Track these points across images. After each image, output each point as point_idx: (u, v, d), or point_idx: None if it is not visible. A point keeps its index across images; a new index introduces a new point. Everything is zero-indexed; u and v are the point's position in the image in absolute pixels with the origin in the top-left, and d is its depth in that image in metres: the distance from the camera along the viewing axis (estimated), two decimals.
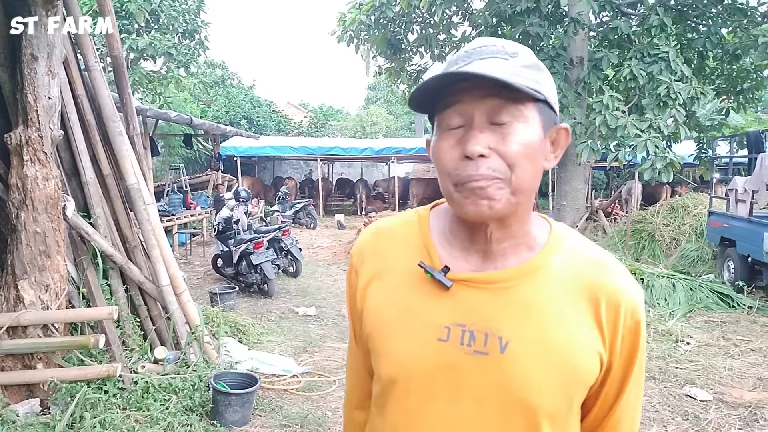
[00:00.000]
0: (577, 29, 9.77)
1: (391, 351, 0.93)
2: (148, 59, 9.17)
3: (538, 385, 0.85)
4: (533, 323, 0.87)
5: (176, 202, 10.65)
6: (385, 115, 28.07)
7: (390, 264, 0.98)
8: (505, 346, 0.86)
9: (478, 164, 0.81)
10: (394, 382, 0.92)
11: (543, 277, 0.89)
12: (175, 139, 15.60)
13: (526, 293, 0.88)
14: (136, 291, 4.18)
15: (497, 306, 0.88)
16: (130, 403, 3.49)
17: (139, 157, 4.28)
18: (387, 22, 11.96)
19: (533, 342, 0.86)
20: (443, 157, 0.85)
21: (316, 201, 17.18)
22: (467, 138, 0.82)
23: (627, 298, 0.90)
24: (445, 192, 0.88)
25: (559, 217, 11.60)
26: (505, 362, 0.86)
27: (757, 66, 11.05)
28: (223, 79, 25.99)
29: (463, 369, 0.87)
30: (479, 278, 0.90)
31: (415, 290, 0.93)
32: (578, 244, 0.94)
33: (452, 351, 0.88)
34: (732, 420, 3.92)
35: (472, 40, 11.65)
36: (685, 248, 9.22)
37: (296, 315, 6.54)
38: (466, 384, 0.87)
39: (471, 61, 0.83)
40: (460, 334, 0.88)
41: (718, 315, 6.51)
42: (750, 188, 7.60)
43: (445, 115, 0.85)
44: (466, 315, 0.89)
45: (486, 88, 0.81)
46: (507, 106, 0.82)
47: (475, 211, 0.83)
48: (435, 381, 0.89)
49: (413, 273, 0.93)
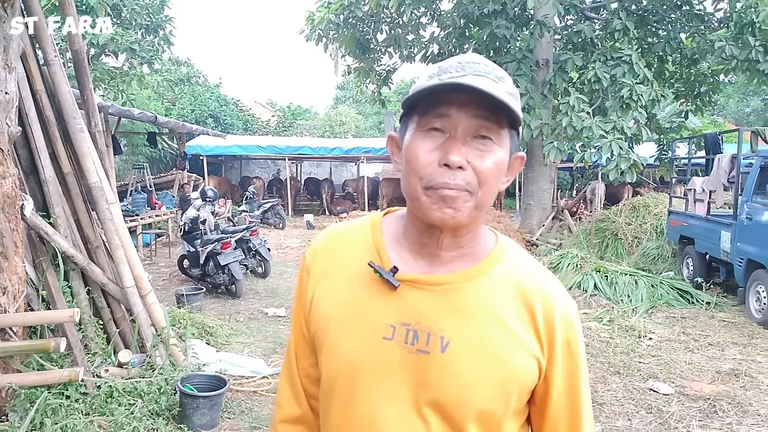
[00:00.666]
0: (542, 32, 9.95)
1: (336, 349, 0.95)
2: (110, 55, 8.92)
3: (475, 384, 0.89)
4: (474, 324, 0.91)
5: (140, 201, 10.40)
6: (354, 114, 28.03)
7: (341, 264, 1.01)
8: (446, 346, 0.90)
9: (455, 174, 0.85)
10: (338, 379, 0.95)
11: (485, 282, 0.93)
12: (138, 137, 15.25)
13: (468, 296, 0.92)
14: (99, 293, 4.06)
15: (441, 307, 0.92)
16: (93, 409, 3.40)
17: (101, 154, 4.16)
18: (356, 21, 11.93)
19: (473, 342, 0.90)
20: (419, 158, 0.88)
21: (285, 201, 17.03)
22: (450, 147, 0.85)
23: (561, 308, 0.94)
24: (410, 191, 0.90)
25: (526, 216, 11.80)
26: (445, 361, 0.89)
27: (713, 70, 11.45)
28: (188, 77, 25.50)
29: (405, 368, 0.91)
30: (426, 279, 0.93)
31: (363, 290, 0.96)
32: (521, 257, 1.00)
33: (396, 349, 0.91)
34: (693, 412, 4.04)
35: (440, 40, 11.87)
36: (646, 246, 9.48)
37: (265, 316, 6.47)
38: (408, 382, 0.91)
39: (466, 74, 0.86)
40: (404, 333, 0.91)
41: (678, 311, 6.72)
42: (708, 188, 7.86)
43: (429, 118, 0.87)
44: (411, 314, 0.92)
45: (477, 105, 0.85)
46: (490, 126, 0.87)
47: (439, 217, 0.87)
48: (378, 379, 0.92)
49: (363, 273, 0.96)
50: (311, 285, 1.02)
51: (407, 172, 0.90)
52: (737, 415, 3.98)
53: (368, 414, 0.92)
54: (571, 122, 8.98)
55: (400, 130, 0.97)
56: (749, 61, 9.56)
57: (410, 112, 0.92)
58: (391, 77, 13.46)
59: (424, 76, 0.92)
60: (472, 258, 0.96)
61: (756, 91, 20.18)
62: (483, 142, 0.87)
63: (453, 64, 0.89)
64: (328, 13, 11.69)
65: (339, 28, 11.91)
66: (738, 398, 4.22)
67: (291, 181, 18.23)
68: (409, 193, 0.90)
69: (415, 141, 0.88)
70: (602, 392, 4.36)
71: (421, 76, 0.95)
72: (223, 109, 22.52)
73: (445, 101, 0.86)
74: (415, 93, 0.87)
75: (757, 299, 6.26)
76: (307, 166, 22.97)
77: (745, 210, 6.66)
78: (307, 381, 1.07)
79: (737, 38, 9.70)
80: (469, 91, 0.83)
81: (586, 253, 8.57)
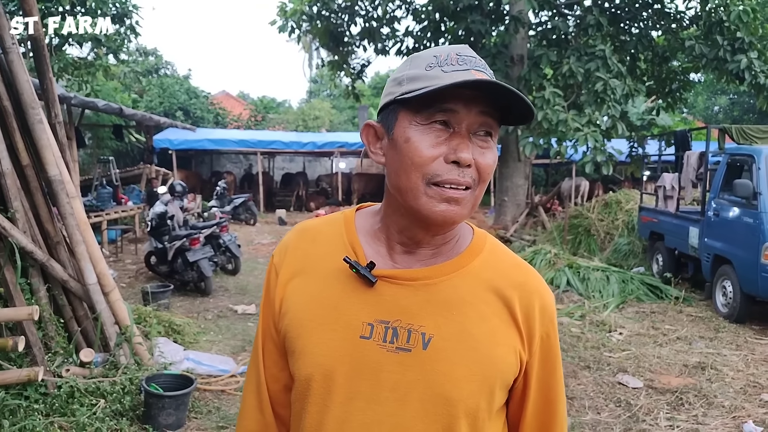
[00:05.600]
0: (517, 27, 9.99)
1: (310, 350, 0.91)
2: (74, 44, 8.61)
3: (459, 380, 0.86)
4: (455, 319, 0.89)
5: (106, 196, 10.10)
6: (328, 108, 27.79)
7: (313, 262, 0.96)
8: (428, 342, 0.87)
9: (464, 172, 0.84)
10: (312, 382, 0.90)
11: (465, 276, 0.92)
12: (104, 130, 14.83)
13: (448, 290, 0.90)
14: (60, 290, 3.92)
15: (420, 302, 0.89)
16: (53, 409, 3.29)
17: (62, 147, 4.01)
18: (329, 13, 11.80)
19: (455, 337, 0.88)
20: (423, 152, 0.84)
21: (257, 196, 16.81)
22: (459, 144, 0.84)
23: (541, 301, 0.93)
24: (407, 186, 0.86)
25: (500, 212, 11.87)
26: (428, 358, 0.87)
27: (684, 68, 11.66)
28: (156, 68, 24.93)
29: (385, 367, 0.87)
30: (403, 274, 0.90)
31: (338, 287, 0.92)
32: (498, 249, 0.98)
33: (374, 349, 0.88)
34: (661, 404, 4.10)
35: (415, 35, 11.83)
36: (618, 242, 9.63)
37: (235, 313, 6.36)
38: (388, 382, 0.87)
39: (468, 68, 0.84)
40: (383, 331, 0.89)
41: (648, 305, 6.83)
42: (677, 185, 8.00)
43: (433, 111, 0.84)
44: (389, 311, 0.89)
45: (483, 102, 0.84)
46: (492, 123, 0.87)
47: (442, 214, 0.85)
48: (356, 380, 0.88)
49: (337, 270, 0.93)
50: (281, 285, 0.97)
51: (405, 167, 0.86)
52: (703, 407, 4.04)
53: (345, 417, 0.88)
54: (547, 116, 9.04)
55: (382, 120, 0.91)
56: (718, 60, 9.76)
57: (404, 102, 0.86)
58: (365, 71, 13.38)
59: (419, 65, 0.87)
60: (451, 252, 0.94)
61: (724, 89, 20.67)
62: (484, 139, 0.86)
63: (452, 55, 0.86)
64: (301, 4, 11.53)
65: (312, 20, 11.76)
66: (704, 391, 4.30)
67: (263, 175, 18.01)
68: (405, 188, 0.86)
69: (416, 134, 0.85)
70: (573, 386, 4.39)
71: (411, 64, 0.89)
72: (193, 102, 22.07)
73: (454, 96, 0.83)
74: (440, 86, 0.81)
75: (723, 294, 6.39)
76: (280, 160, 22.73)
77: (713, 206, 6.79)
78: (275, 387, 1.01)
79: (706, 37, 9.89)
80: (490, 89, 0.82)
81: (560, 250, 8.67)
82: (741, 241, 6.13)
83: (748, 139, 7.35)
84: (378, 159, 0.92)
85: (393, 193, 0.91)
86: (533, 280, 0.95)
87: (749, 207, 6.04)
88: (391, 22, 12.14)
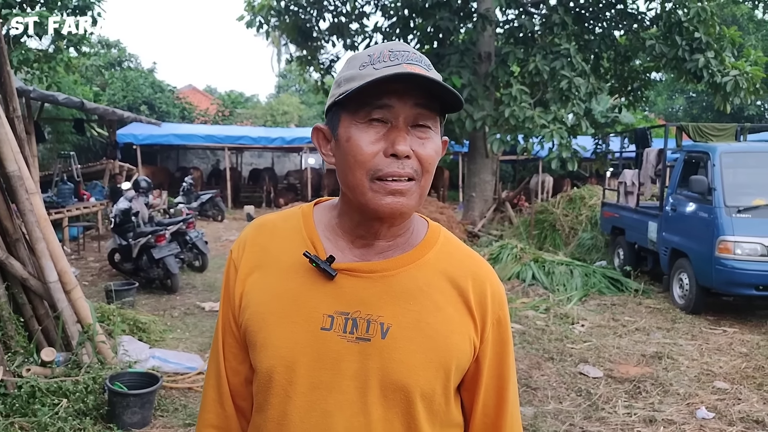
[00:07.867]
0: (485, 25, 10.11)
1: (271, 343, 0.93)
2: (33, 36, 8.34)
3: (416, 366, 0.90)
4: (412, 309, 0.92)
5: (67, 192, 9.81)
6: (297, 104, 27.60)
7: (273, 256, 0.98)
8: (386, 332, 0.90)
9: (404, 164, 0.86)
10: (274, 374, 0.92)
11: (421, 267, 0.95)
12: (64, 124, 14.40)
13: (405, 281, 0.93)
14: (20, 288, 3.84)
15: (378, 293, 0.92)
16: (13, 410, 3.22)
17: (20, 141, 3.91)
18: (298, 8, 11.73)
19: (412, 326, 0.91)
20: (363, 150, 0.87)
21: (224, 192, 16.60)
22: (396, 137, 0.86)
23: (492, 289, 0.98)
24: (353, 184, 0.89)
25: (468, 208, 12.01)
26: (386, 346, 0.90)
27: (645, 67, 11.98)
28: (119, 61, 24.29)
29: (346, 357, 0.90)
30: (362, 267, 0.93)
31: (298, 281, 0.94)
32: (452, 241, 1.02)
33: (335, 340, 0.91)
34: (619, 393, 4.24)
35: (384, 31, 11.84)
36: (582, 237, 9.86)
37: (202, 311, 6.29)
38: (349, 371, 0.90)
39: (400, 63, 0.87)
40: (342, 322, 0.91)
41: (609, 298, 7.02)
42: (637, 181, 8.24)
43: (369, 109, 0.87)
44: (348, 303, 0.92)
45: (417, 94, 0.86)
46: (428, 114, 0.88)
47: (388, 207, 0.87)
48: (318, 370, 0.91)
49: (296, 264, 0.95)
50: (240, 280, 0.99)
51: (350, 165, 0.89)
52: (659, 395, 4.20)
53: (309, 406, 0.91)
54: (514, 113, 9.19)
55: (329, 122, 0.95)
56: (677, 60, 10.06)
57: (343, 103, 0.89)
58: (334, 66, 13.34)
59: (355, 66, 0.90)
60: (407, 245, 0.97)
61: (683, 89, 21.28)
62: (423, 130, 0.88)
63: (384, 52, 0.89)
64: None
65: (280, 15, 11.67)
66: (660, 379, 4.46)
67: (231, 171, 17.79)
68: (352, 185, 0.89)
69: (357, 133, 0.88)
70: (536, 377, 4.50)
71: (348, 65, 0.93)
72: (158, 96, 21.58)
73: (385, 91, 0.85)
74: (364, 84, 0.84)
75: (680, 286, 6.62)
76: (248, 156, 22.47)
77: (670, 202, 7.02)
78: (236, 380, 1.02)
79: (666, 37, 10.18)
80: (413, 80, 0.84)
81: (526, 244, 8.82)
82: (697, 235, 6.36)
83: (704, 136, 7.61)
84: (329, 160, 0.95)
85: (345, 191, 0.94)
86: (484, 269, 0.99)
87: (704, 202, 6.27)
88: (360, 18, 12.13)
